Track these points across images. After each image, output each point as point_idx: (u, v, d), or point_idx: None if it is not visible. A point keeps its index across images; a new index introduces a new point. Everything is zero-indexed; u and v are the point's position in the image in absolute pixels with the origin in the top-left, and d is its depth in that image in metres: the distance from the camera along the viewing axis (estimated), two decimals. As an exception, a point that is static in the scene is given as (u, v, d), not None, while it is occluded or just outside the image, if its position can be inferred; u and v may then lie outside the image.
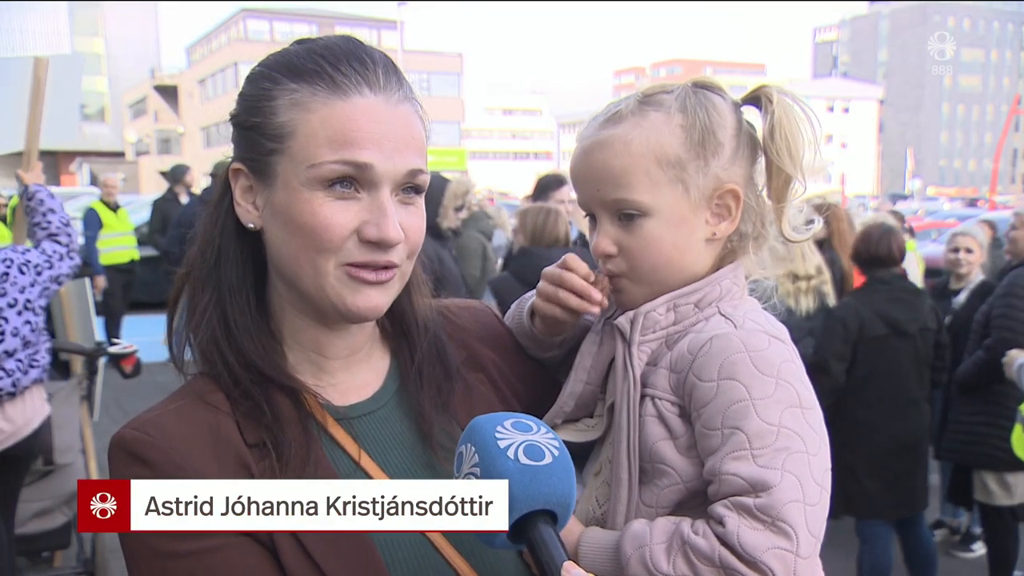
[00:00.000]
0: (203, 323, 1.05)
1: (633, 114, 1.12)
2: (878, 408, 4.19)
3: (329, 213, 0.99)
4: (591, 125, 1.16)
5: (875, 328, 4.18)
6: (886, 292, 4.27)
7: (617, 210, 1.12)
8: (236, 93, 1.09)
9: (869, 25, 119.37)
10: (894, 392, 4.21)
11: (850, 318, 4.20)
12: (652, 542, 1.00)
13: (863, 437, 4.22)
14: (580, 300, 1.18)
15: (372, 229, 0.99)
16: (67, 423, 4.18)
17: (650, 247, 1.12)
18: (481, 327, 1.29)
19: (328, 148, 0.98)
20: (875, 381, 4.20)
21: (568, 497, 0.89)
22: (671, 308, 1.12)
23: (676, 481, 1.05)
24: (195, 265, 1.08)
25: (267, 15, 60.39)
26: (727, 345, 1.04)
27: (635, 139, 1.11)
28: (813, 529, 0.97)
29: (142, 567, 0.97)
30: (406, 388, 1.15)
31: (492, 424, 0.91)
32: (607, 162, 1.12)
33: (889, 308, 4.21)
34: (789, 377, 1.04)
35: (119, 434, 1.00)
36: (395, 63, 1.07)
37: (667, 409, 1.07)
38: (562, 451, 0.90)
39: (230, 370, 1.03)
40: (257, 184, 1.04)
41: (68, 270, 3.71)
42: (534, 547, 0.87)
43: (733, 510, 0.96)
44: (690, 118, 1.11)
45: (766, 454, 0.98)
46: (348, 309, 1.02)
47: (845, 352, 4.17)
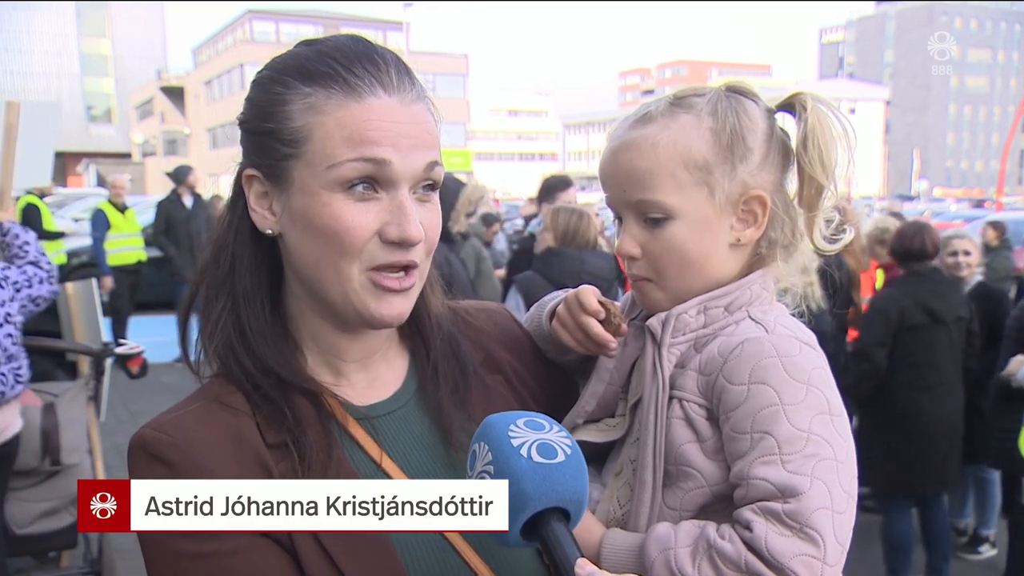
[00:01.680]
0: (218, 330, 1.05)
1: (663, 115, 1.12)
2: (917, 392, 4.46)
3: (350, 215, 0.98)
4: (622, 125, 1.16)
5: (915, 317, 4.44)
6: (924, 283, 4.52)
7: (642, 212, 1.12)
8: (242, 94, 1.08)
9: (875, 26, 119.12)
10: (932, 376, 4.47)
11: (892, 308, 4.46)
12: (677, 545, 0.99)
13: (904, 419, 4.48)
14: (596, 345, 1.19)
15: (394, 229, 0.99)
16: (74, 424, 4.18)
17: (674, 250, 1.11)
18: (499, 329, 1.28)
19: (346, 147, 0.97)
20: (914, 366, 4.46)
21: (581, 495, 0.89)
22: (702, 311, 1.11)
23: (701, 484, 1.05)
24: (208, 271, 1.08)
25: (273, 16, 60.52)
26: (759, 349, 1.04)
27: (662, 141, 1.10)
28: (840, 537, 0.96)
29: (161, 568, 0.96)
30: (424, 387, 1.14)
31: (505, 422, 0.91)
32: (633, 163, 1.11)
33: (927, 298, 4.47)
34: (819, 384, 1.03)
35: (139, 434, 1.00)
36: (405, 62, 1.06)
37: (694, 412, 1.06)
38: (574, 449, 0.90)
39: (248, 375, 1.03)
40: (272, 189, 1.03)
41: (47, 293, 3.72)
42: (547, 545, 0.87)
43: (761, 515, 0.96)
44: (720, 122, 1.10)
45: (795, 460, 0.97)
46: (372, 317, 1.02)
47: (887, 339, 4.44)
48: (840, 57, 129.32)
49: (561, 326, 1.23)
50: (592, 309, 1.18)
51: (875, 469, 4.63)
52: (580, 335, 1.20)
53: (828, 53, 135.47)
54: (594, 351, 1.20)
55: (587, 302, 1.19)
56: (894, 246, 4.75)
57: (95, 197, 17.55)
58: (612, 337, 1.18)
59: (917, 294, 4.47)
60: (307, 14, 61.39)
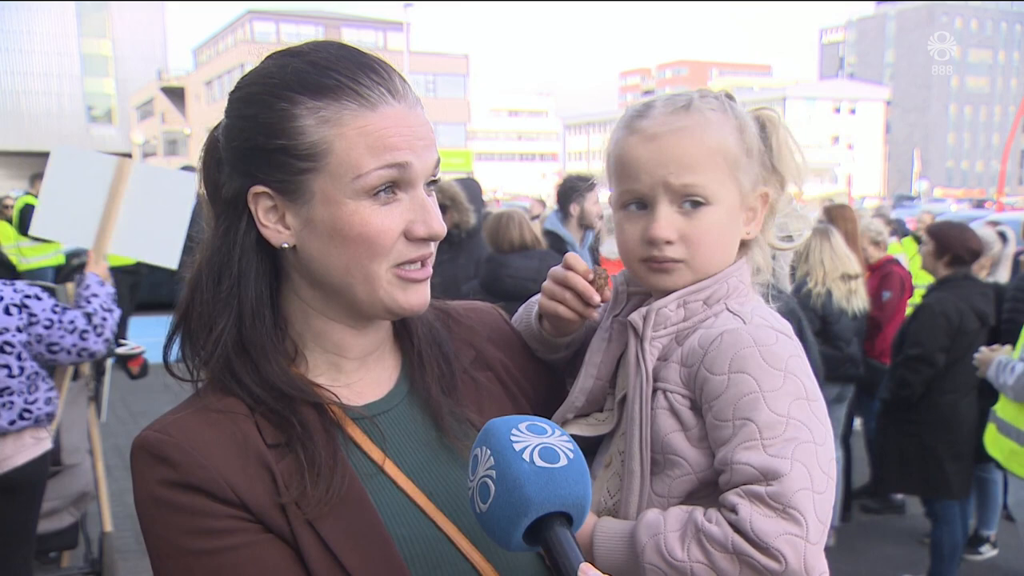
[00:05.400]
0: (217, 349, 1.06)
1: (699, 109, 1.16)
2: (958, 395, 4.44)
3: (379, 220, 1.03)
4: (654, 115, 1.17)
5: (970, 322, 4.40)
6: (975, 286, 4.51)
7: (685, 195, 1.15)
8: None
9: (876, 26, 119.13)
10: (972, 380, 4.37)
11: (952, 312, 4.38)
12: (666, 530, 1.03)
13: (948, 423, 4.47)
14: (582, 303, 1.24)
15: (420, 227, 1.05)
16: (74, 424, 4.19)
17: (710, 235, 1.16)
18: (488, 328, 1.31)
19: (370, 156, 1.01)
20: (960, 370, 4.39)
21: (583, 499, 0.90)
22: (681, 305, 1.15)
23: (688, 471, 1.08)
24: (206, 290, 1.07)
25: (273, 17, 60.59)
26: (737, 340, 1.08)
27: (709, 131, 1.15)
28: (821, 516, 1.00)
29: (167, 564, 0.98)
30: (415, 383, 1.17)
31: (507, 427, 0.92)
32: (683, 148, 1.14)
33: (979, 301, 4.45)
34: (796, 371, 1.07)
35: (141, 436, 1.01)
36: (395, 66, 1.10)
37: (678, 402, 1.10)
38: (576, 454, 0.91)
39: (248, 391, 1.04)
40: (286, 203, 1.04)
41: (71, 346, 3.44)
42: (550, 549, 0.88)
43: (745, 498, 0.99)
44: (739, 121, 1.18)
45: (776, 444, 1.01)
46: (401, 307, 1.08)
47: (948, 344, 4.35)
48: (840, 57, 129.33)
49: (548, 297, 1.27)
50: (580, 269, 1.25)
51: (914, 476, 4.57)
52: (566, 295, 1.25)
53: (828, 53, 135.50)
54: (579, 310, 1.24)
55: (574, 262, 1.26)
56: (955, 247, 4.54)
57: (96, 197, 17.51)
58: (596, 291, 1.23)
59: (969, 297, 4.42)
60: (307, 14, 61.45)
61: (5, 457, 3.50)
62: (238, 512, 0.97)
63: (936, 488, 4.60)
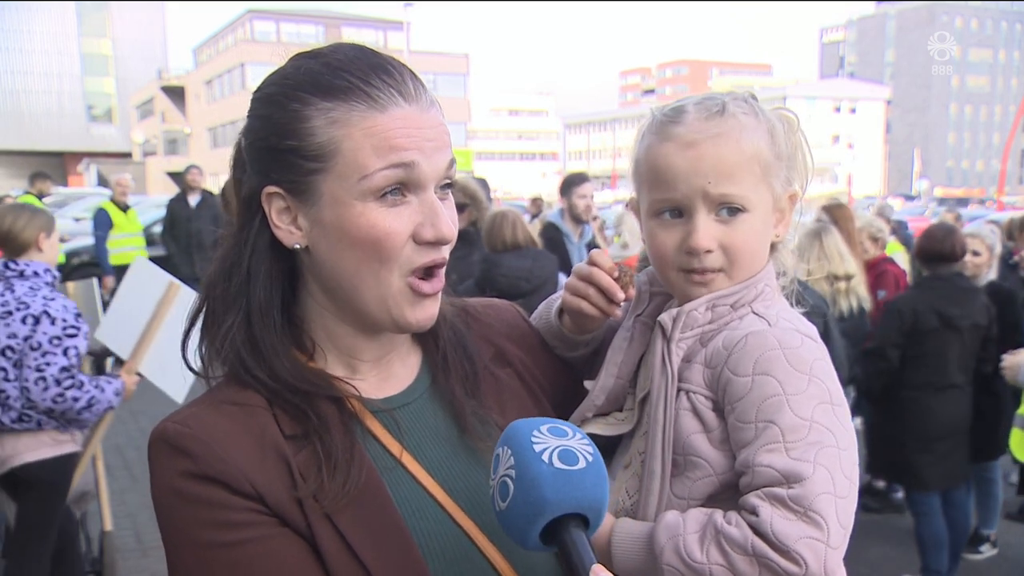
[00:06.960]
0: (227, 344, 1.06)
1: (733, 114, 1.15)
2: (923, 391, 4.58)
3: (386, 222, 1.01)
4: (688, 121, 1.14)
5: (928, 322, 4.50)
6: (943, 288, 4.57)
7: (723, 203, 1.13)
8: (243, 94, 1.10)
9: (876, 25, 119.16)
10: (937, 378, 4.57)
11: (907, 310, 4.55)
12: (686, 532, 1.02)
13: (910, 416, 4.61)
14: (606, 300, 1.24)
15: (429, 230, 1.03)
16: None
17: (749, 242, 1.15)
18: (506, 325, 1.31)
19: (376, 157, 1.00)
20: (922, 367, 4.57)
21: (601, 502, 0.90)
22: (710, 308, 1.15)
23: (709, 473, 1.08)
24: (218, 286, 1.09)
25: (273, 16, 60.54)
26: (762, 342, 1.07)
27: (744, 137, 1.14)
28: (843, 520, 0.99)
29: (184, 555, 0.98)
30: (437, 380, 1.17)
31: (529, 428, 0.92)
32: (722, 156, 1.13)
33: (944, 304, 4.52)
34: (821, 374, 1.06)
35: (160, 428, 1.01)
36: (411, 69, 1.09)
37: (701, 403, 1.10)
38: (596, 457, 0.91)
39: (263, 384, 1.05)
40: (297, 204, 1.04)
41: (27, 380, 3.51)
42: (565, 550, 0.88)
43: (766, 500, 0.98)
44: (769, 124, 1.17)
45: (799, 447, 1.00)
46: (408, 323, 1.07)
47: (900, 340, 4.54)
48: (841, 57, 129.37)
49: (572, 293, 1.27)
50: (606, 266, 1.25)
51: (881, 461, 4.76)
52: (590, 291, 1.25)
53: (829, 53, 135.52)
54: (603, 307, 1.24)
55: (599, 258, 1.26)
56: (922, 247, 4.73)
57: (95, 197, 17.57)
58: (619, 287, 1.23)
59: (934, 299, 4.51)
60: (307, 14, 61.41)
61: (15, 453, 3.55)
62: (256, 505, 0.97)
63: (900, 475, 4.76)
